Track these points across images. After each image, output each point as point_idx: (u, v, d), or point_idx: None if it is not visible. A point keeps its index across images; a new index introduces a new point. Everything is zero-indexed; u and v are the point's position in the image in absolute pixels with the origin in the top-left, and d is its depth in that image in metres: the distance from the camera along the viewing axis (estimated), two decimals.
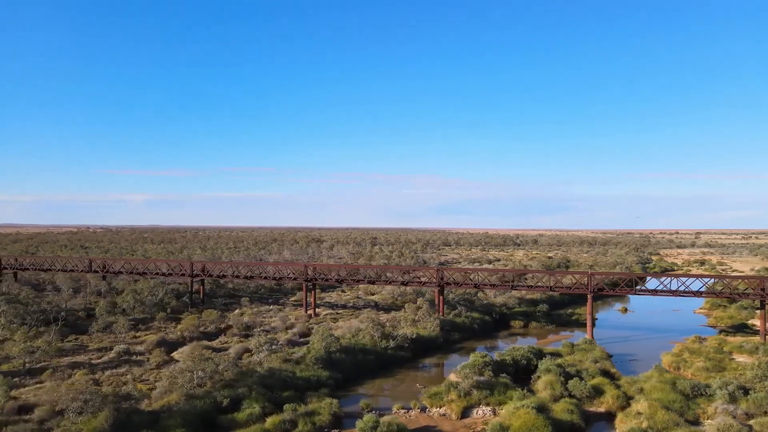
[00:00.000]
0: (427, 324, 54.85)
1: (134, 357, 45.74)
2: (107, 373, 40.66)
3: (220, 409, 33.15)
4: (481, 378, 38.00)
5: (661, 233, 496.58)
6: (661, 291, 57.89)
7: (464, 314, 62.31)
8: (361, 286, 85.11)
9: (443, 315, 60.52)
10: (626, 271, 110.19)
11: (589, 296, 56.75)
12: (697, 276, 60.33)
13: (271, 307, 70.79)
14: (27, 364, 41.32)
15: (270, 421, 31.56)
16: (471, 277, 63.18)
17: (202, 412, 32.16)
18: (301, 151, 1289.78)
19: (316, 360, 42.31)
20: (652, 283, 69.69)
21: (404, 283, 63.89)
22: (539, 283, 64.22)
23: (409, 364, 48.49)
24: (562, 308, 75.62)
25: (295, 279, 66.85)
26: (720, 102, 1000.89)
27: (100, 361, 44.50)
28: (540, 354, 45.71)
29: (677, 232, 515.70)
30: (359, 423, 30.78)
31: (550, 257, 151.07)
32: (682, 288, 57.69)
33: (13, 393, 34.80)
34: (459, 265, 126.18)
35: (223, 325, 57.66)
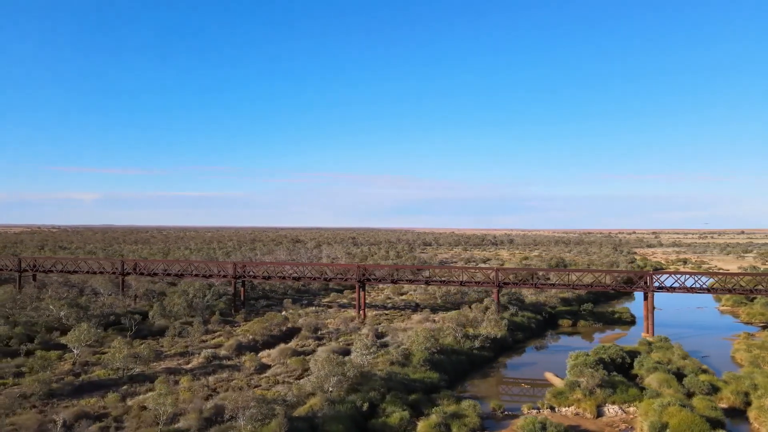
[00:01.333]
0: (496, 324, 55.02)
1: (224, 362, 44.12)
2: (211, 378, 39.09)
3: (361, 413, 32.48)
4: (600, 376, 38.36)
5: (619, 232, 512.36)
6: (695, 288, 58.37)
7: (519, 314, 62.79)
8: (384, 286, 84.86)
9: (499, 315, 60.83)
10: (638, 269, 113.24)
11: (650, 294, 57.94)
12: (713, 274, 62.19)
13: (314, 308, 69.50)
14: (126, 372, 39.32)
15: (422, 425, 31.06)
16: (530, 277, 63.25)
17: (351, 416, 31.42)
18: (262, 151, 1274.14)
19: (423, 362, 41.83)
20: (668, 280, 70.69)
21: (462, 283, 63.84)
22: (578, 281, 65.19)
23: (494, 364, 48.58)
24: (597, 306, 77.52)
25: (345, 279, 65.90)
26: (672, 107, 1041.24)
27: (191, 366, 42.76)
28: (634, 352, 46.49)
29: (635, 232, 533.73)
30: (521, 423, 30.63)
31: (549, 257, 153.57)
32: (697, 285, 58.64)
33: (132, 402, 33.13)
34: (456, 265, 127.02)
35: (285, 328, 56.28)
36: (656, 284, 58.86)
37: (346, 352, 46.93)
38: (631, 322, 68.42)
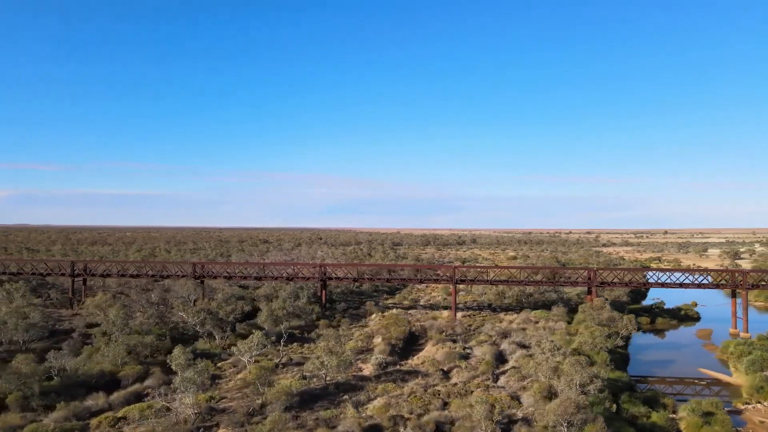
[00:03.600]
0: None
1: (395, 367, 43.01)
2: (411, 384, 38.04)
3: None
4: None
5: (557, 232, 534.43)
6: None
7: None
8: (436, 286, 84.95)
9: None
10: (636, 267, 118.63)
11: (743, 292, 61.33)
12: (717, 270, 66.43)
13: (395, 310, 68.60)
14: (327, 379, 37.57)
15: (687, 422, 31.87)
16: (626, 277, 65.04)
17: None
18: (187, 148, 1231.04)
19: (608, 361, 42.53)
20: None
21: (554, 283, 64.98)
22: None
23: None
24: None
25: (437, 280, 65.56)
26: (600, 110, 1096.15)
27: (368, 373, 41.39)
28: None
29: (571, 232, 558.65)
30: None
31: (548, 257, 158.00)
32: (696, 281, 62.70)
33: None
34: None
35: (413, 329, 55.41)
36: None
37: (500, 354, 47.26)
38: (697, 318, 72.02)
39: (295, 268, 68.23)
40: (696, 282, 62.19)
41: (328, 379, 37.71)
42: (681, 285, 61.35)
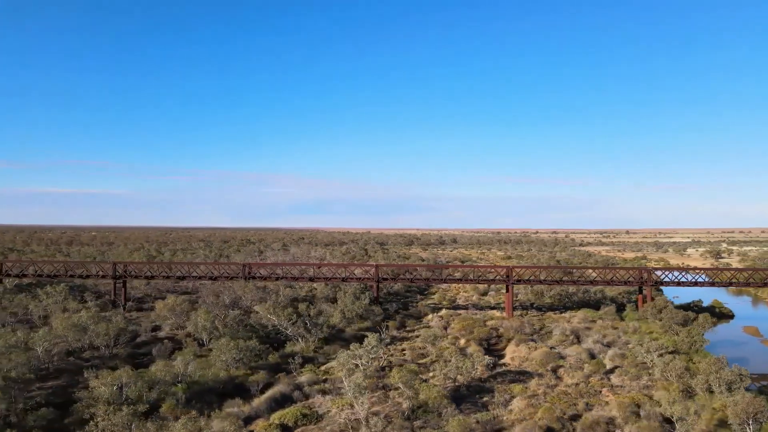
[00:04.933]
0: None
1: (507, 368, 43.15)
2: (532, 384, 38.37)
3: None
4: None
5: (524, 232, 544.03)
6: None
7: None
8: (448, 286, 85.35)
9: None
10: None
11: None
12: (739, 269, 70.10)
13: (446, 311, 68.68)
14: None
15: None
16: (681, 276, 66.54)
17: None
18: (147, 146, 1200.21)
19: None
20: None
21: (607, 283, 66.09)
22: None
23: None
24: None
25: (493, 281, 65.89)
26: (545, 113, 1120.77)
27: (481, 374, 41.40)
28: None
29: (537, 232, 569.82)
30: None
31: (548, 257, 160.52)
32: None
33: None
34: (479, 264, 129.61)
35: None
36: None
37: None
38: (731, 316, 74.64)
39: (348, 268, 67.40)
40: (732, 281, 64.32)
41: (458, 381, 37.57)
42: (730, 284, 63.50)
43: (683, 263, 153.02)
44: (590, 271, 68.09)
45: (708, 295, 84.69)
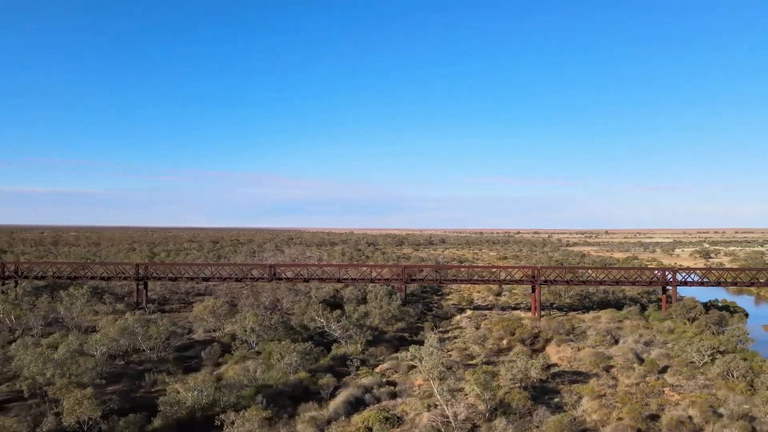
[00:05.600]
0: None
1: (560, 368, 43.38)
2: (591, 384, 38.67)
3: None
4: None
5: (506, 232, 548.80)
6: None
7: None
8: (462, 286, 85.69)
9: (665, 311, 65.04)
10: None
11: None
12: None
13: (470, 312, 68.91)
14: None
15: None
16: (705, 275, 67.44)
17: None
18: (125, 144, 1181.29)
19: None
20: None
21: (632, 283, 66.89)
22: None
23: None
24: None
25: (520, 281, 66.24)
26: (517, 115, 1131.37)
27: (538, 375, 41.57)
28: None
29: (519, 232, 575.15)
30: None
31: (551, 258, 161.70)
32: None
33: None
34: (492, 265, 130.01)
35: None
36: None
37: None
38: (746, 314, 76.19)
39: (374, 269, 67.12)
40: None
41: (524, 382, 37.63)
42: (751, 284, 64.78)
43: (675, 263, 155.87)
44: (614, 271, 68.67)
45: (709, 295, 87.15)
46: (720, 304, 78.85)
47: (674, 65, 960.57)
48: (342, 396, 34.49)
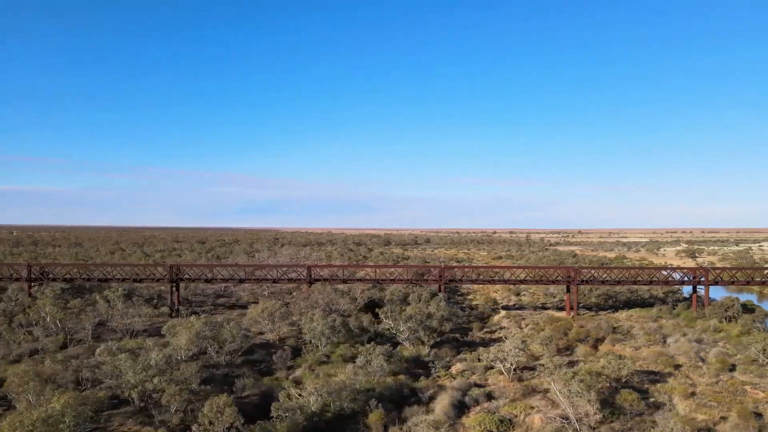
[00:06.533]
0: None
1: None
2: (670, 384, 39.12)
3: None
4: None
5: (482, 232, 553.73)
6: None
7: None
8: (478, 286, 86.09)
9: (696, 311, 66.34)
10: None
11: None
12: None
13: (502, 312, 69.13)
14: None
15: None
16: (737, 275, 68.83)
17: None
18: (94, 141, 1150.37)
19: None
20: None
21: (665, 283, 67.90)
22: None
23: None
24: None
25: (556, 281, 66.71)
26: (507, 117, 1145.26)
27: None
28: None
29: (495, 231, 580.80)
30: None
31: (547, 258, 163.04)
32: None
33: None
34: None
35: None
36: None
37: None
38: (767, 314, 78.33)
39: (419, 270, 66.75)
40: None
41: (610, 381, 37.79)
42: None
43: (665, 262, 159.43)
44: (645, 270, 69.72)
45: (712, 294, 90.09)
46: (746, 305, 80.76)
47: (633, 71, 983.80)
48: (445, 398, 34.04)
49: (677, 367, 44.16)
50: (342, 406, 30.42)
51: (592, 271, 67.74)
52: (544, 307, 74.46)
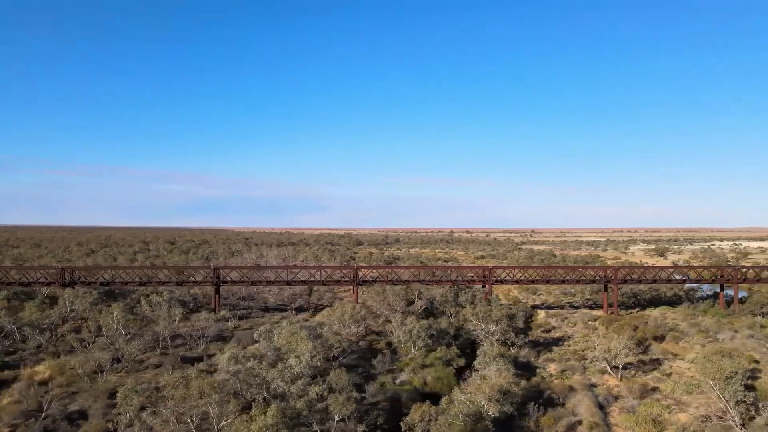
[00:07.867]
0: None
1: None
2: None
3: None
4: None
5: (428, 231, 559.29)
6: None
7: None
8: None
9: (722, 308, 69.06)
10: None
11: None
12: None
13: (542, 312, 69.89)
14: None
15: None
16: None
17: None
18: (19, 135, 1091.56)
19: None
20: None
21: (696, 281, 70.15)
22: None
23: None
24: None
25: (593, 281, 67.85)
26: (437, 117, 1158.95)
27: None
28: None
29: (452, 231, 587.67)
30: None
31: (527, 257, 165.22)
32: None
33: None
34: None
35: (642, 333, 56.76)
36: None
37: None
38: None
39: (461, 271, 66.46)
40: None
41: None
42: None
43: (642, 261, 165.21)
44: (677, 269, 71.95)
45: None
46: None
47: (576, 69, 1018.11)
48: (584, 399, 34.03)
49: (755, 362, 45.62)
50: (503, 410, 29.89)
51: (626, 270, 69.19)
52: (572, 306, 75.68)
